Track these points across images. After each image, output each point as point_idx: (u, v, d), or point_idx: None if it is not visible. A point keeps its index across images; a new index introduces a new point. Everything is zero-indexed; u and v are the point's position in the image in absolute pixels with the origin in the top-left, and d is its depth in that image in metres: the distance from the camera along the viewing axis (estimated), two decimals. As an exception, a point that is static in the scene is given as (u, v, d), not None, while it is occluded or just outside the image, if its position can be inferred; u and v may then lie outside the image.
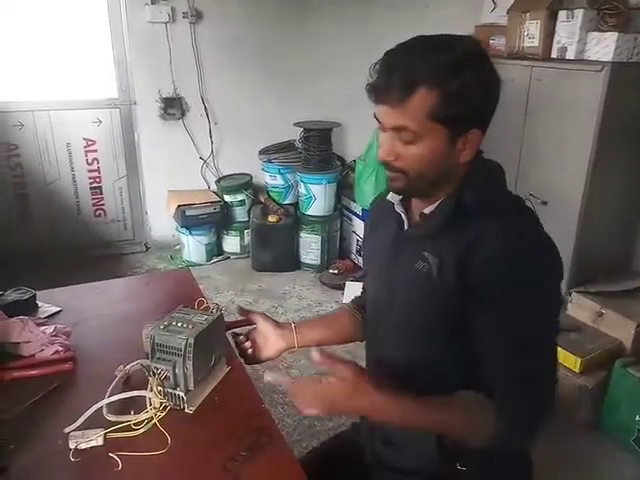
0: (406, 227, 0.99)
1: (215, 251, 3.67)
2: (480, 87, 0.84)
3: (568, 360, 2.15)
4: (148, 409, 0.97)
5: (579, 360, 2.12)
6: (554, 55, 2.46)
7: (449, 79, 0.81)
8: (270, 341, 1.17)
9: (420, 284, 0.93)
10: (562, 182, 2.44)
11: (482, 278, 0.85)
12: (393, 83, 0.83)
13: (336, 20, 3.64)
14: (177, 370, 1.00)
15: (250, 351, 1.17)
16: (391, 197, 1.00)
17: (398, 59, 0.85)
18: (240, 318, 1.21)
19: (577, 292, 2.39)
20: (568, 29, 2.37)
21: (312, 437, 2.09)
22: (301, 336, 1.17)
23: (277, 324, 1.18)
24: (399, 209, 1.00)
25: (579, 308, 2.37)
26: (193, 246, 3.55)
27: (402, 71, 0.83)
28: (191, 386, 1.01)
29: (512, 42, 2.64)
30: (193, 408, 1.02)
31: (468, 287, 0.86)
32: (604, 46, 2.24)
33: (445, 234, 0.90)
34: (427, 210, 0.95)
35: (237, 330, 1.21)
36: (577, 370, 2.13)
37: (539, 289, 0.86)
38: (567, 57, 2.38)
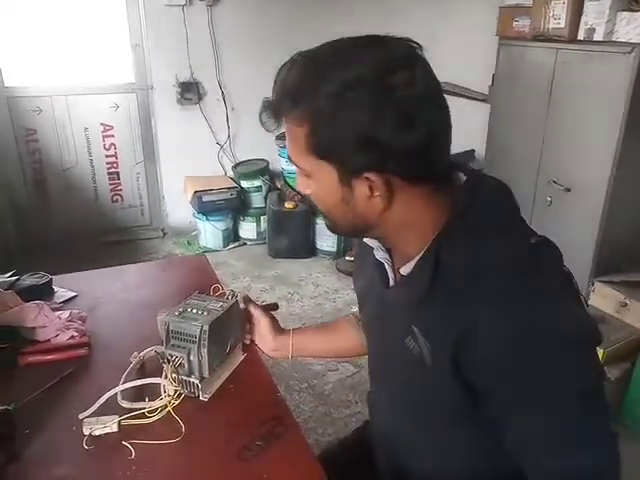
0: (391, 282, 0.81)
1: (232, 237, 3.67)
2: (359, 115, 0.63)
3: (590, 351, 2.09)
4: (162, 396, 0.96)
5: (602, 351, 2.06)
6: (581, 37, 2.36)
7: (316, 105, 0.65)
8: (267, 344, 1.14)
9: (414, 370, 0.77)
10: (587, 169, 2.36)
11: (486, 376, 0.68)
12: (271, 107, 0.71)
13: (355, 3, 3.57)
14: (192, 357, 0.98)
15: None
16: (368, 240, 0.83)
17: (280, 78, 0.70)
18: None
19: (600, 282, 2.33)
20: (597, 9, 2.27)
21: (328, 425, 2.08)
22: (296, 350, 1.13)
23: (277, 331, 1.14)
24: (380, 256, 0.82)
25: (602, 298, 2.31)
26: (210, 232, 3.55)
27: (277, 93, 0.70)
28: (206, 373, 1.00)
29: (537, 23, 2.55)
30: (208, 396, 1.01)
31: (473, 385, 0.70)
32: (634, 27, 2.14)
33: (432, 303, 0.71)
34: (404, 270, 0.76)
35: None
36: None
37: (565, 374, 0.66)
38: (595, 39, 2.28)
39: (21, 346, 1.13)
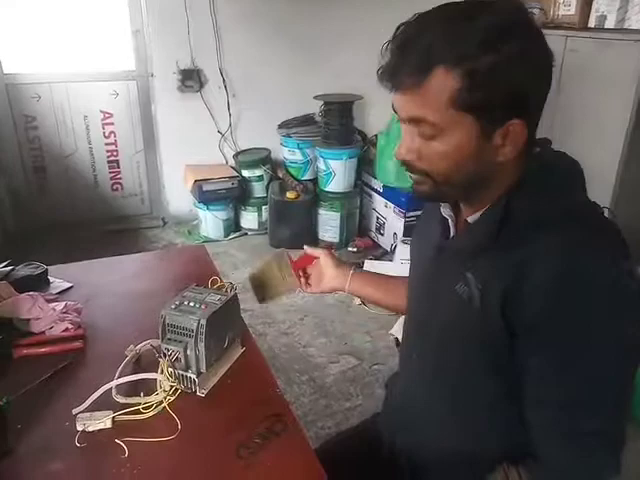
0: (452, 234, 0.85)
1: (233, 227, 3.63)
2: (519, 65, 0.66)
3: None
4: (158, 392, 0.94)
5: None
6: (592, 24, 2.32)
7: (475, 55, 0.65)
8: (325, 277, 1.15)
9: (460, 312, 0.79)
10: (595, 160, 2.32)
11: (532, 312, 0.69)
12: (405, 64, 0.68)
13: (359, -12, 3.51)
14: (189, 352, 0.96)
15: (302, 280, 1.17)
16: None
17: (412, 33, 0.69)
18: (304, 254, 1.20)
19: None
20: (608, -4, 2.23)
21: (328, 417, 2.06)
22: (353, 285, 1.14)
23: (337, 264, 1.15)
24: (446, 213, 0.85)
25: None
26: (211, 221, 3.52)
27: (415, 48, 0.67)
28: (203, 368, 0.97)
29: (546, 10, 2.50)
30: (205, 391, 0.98)
31: (515, 324, 0.71)
32: (647, 14, 2.10)
33: (491, 251, 0.74)
34: (471, 219, 0.80)
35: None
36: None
37: (608, 329, 0.68)
38: (606, 26, 2.24)
39: (16, 338, 1.11)
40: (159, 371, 0.95)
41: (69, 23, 3.19)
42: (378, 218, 3.48)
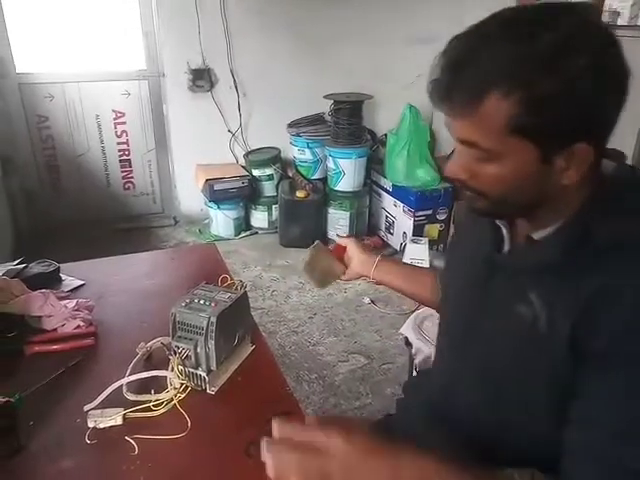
0: (506, 248, 0.79)
1: (243, 226, 3.64)
2: (584, 84, 0.60)
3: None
4: (169, 389, 0.94)
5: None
6: (604, 21, 2.29)
7: (534, 79, 0.59)
8: (352, 264, 1.15)
9: (519, 335, 0.72)
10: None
11: (609, 339, 0.63)
12: (457, 86, 0.64)
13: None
14: (199, 349, 0.96)
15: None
16: None
17: (464, 51, 0.63)
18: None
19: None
20: (621, -8, 2.20)
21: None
22: (378, 272, 1.13)
23: (364, 251, 1.16)
24: (500, 222, 0.79)
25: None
26: (221, 220, 3.53)
27: (468, 69, 0.62)
28: (213, 366, 0.97)
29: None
30: (215, 389, 0.99)
31: (586, 348, 0.65)
32: (661, 10, 2.07)
33: (561, 272, 0.68)
34: (538, 235, 0.73)
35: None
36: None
37: None
38: (619, 23, 2.21)
39: (28, 335, 1.12)
40: (169, 369, 0.96)
41: (81, 23, 3.22)
42: (387, 217, 3.48)
